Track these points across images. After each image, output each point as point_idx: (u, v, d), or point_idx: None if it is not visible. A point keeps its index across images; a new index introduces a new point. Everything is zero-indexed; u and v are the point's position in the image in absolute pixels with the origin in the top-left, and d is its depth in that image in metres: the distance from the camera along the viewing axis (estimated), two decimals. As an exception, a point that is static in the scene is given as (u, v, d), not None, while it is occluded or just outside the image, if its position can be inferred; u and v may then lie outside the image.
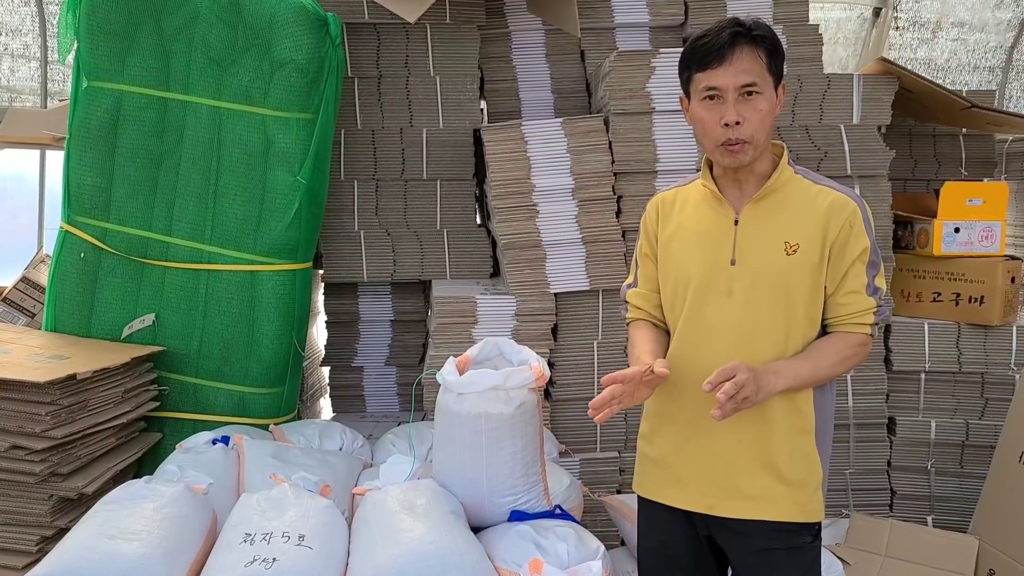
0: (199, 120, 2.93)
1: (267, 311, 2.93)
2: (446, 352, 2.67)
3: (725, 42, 1.65)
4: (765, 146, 1.71)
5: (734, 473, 1.71)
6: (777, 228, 1.71)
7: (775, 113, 1.70)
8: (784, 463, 1.70)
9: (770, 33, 1.69)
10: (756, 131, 1.66)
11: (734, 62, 1.65)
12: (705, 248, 1.75)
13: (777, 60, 1.69)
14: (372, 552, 1.90)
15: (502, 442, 2.09)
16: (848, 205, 1.70)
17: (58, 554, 1.83)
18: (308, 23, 2.84)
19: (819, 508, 1.73)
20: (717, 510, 1.73)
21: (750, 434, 1.70)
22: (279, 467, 2.35)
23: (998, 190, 3.17)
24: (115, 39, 2.89)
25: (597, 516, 2.75)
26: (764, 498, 1.70)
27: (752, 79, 1.65)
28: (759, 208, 1.73)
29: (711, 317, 1.73)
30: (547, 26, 3.35)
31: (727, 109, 1.65)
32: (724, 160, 1.71)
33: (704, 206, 1.79)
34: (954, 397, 3.14)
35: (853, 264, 1.69)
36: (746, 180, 1.75)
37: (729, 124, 1.65)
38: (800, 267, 1.69)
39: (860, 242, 1.70)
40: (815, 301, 1.71)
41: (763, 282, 1.70)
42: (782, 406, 1.70)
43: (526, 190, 2.93)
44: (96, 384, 2.55)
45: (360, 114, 3.27)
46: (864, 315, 1.70)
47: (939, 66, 4.94)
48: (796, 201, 1.72)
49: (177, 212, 2.95)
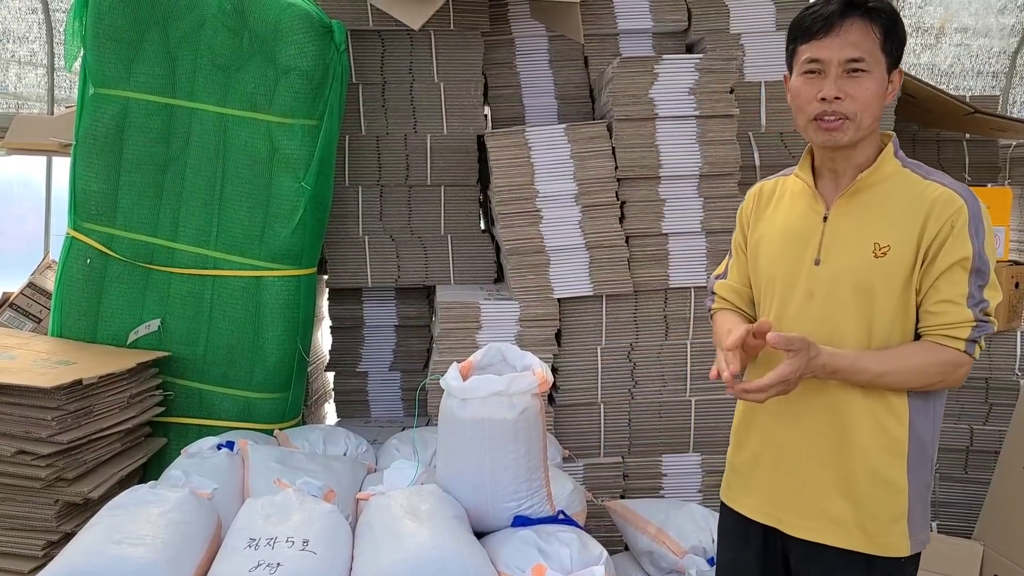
0: (204, 126, 2.95)
1: (272, 316, 2.94)
2: (450, 357, 2.68)
3: (835, 11, 1.51)
4: (869, 131, 1.54)
5: (805, 489, 1.60)
6: (869, 226, 1.54)
7: (884, 98, 1.54)
8: (859, 486, 1.55)
9: (889, 8, 1.52)
10: (860, 111, 1.51)
11: (841, 34, 1.50)
12: (792, 246, 1.63)
13: (894, 40, 1.52)
14: (376, 557, 1.91)
15: (505, 447, 2.09)
16: (954, 202, 1.50)
17: (64, 558, 1.84)
18: (313, 30, 2.86)
19: (897, 542, 1.55)
20: (785, 526, 1.63)
21: (827, 450, 1.57)
22: (284, 472, 2.35)
23: (1002, 195, 3.17)
24: (121, 46, 2.91)
25: (601, 521, 2.76)
26: (832, 521, 1.57)
27: (860, 54, 1.49)
28: (852, 203, 1.58)
29: (792, 320, 1.61)
30: (550, 32, 3.36)
31: (828, 83, 1.51)
32: (818, 138, 1.55)
33: (800, 199, 1.66)
34: (958, 403, 3.15)
35: (950, 269, 1.49)
36: (844, 172, 1.59)
37: (827, 99, 1.51)
38: (889, 271, 1.52)
39: (961, 246, 1.48)
40: (906, 310, 1.53)
41: (844, 285, 1.55)
42: (868, 423, 1.55)
43: (530, 195, 2.93)
44: (102, 389, 2.56)
45: (364, 120, 3.29)
46: (957, 328, 1.49)
47: (943, 71, 4.94)
48: (897, 197, 1.54)
49: (183, 218, 2.97)
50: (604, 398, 2.99)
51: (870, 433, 1.55)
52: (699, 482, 3.01)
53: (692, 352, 2.98)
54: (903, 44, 1.55)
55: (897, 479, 1.55)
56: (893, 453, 1.55)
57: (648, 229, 2.97)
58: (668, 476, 3.01)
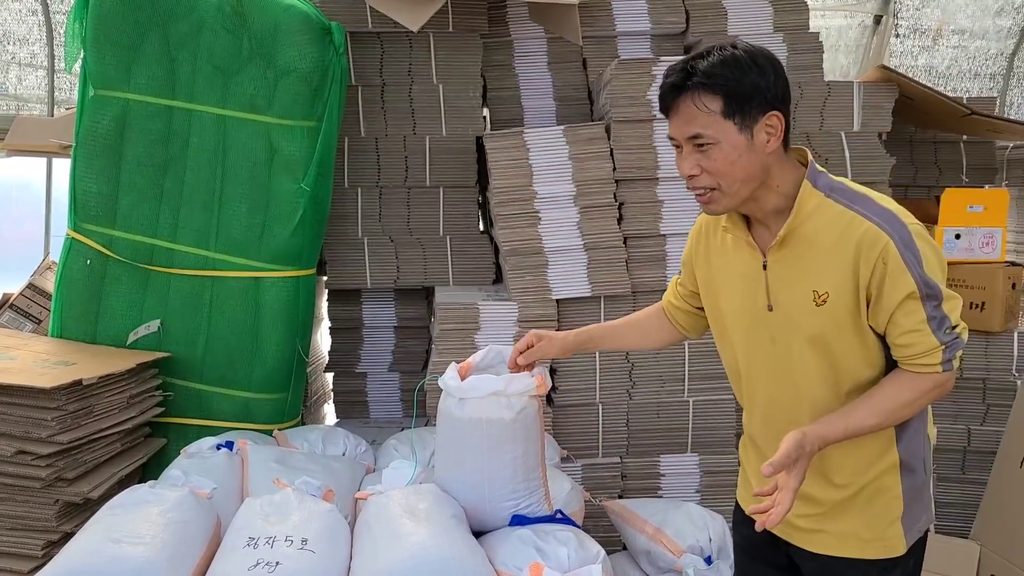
0: (204, 128, 2.96)
1: (271, 317, 2.95)
2: (449, 358, 2.69)
3: (667, 92, 1.50)
4: (749, 191, 1.50)
5: (802, 510, 1.61)
6: (804, 274, 1.52)
7: (751, 155, 1.47)
8: (854, 503, 1.59)
9: (720, 69, 1.44)
10: (719, 180, 1.48)
11: (679, 112, 1.48)
12: (747, 289, 1.61)
13: (739, 99, 1.44)
14: (375, 556, 1.91)
15: (503, 447, 2.10)
16: (879, 240, 1.44)
17: (64, 558, 1.85)
18: (312, 32, 2.87)
19: (894, 544, 1.58)
20: (789, 537, 1.67)
21: (817, 471, 1.59)
22: (283, 472, 2.36)
23: (999, 197, 3.18)
24: (121, 48, 2.92)
25: (599, 521, 2.76)
26: (828, 534, 1.61)
27: (696, 130, 1.46)
28: (785, 251, 1.54)
29: (759, 361, 1.63)
30: (549, 34, 3.37)
31: (683, 161, 1.51)
32: (704, 211, 1.57)
33: (740, 244, 1.62)
34: (955, 403, 3.15)
35: (901, 304, 1.45)
36: (767, 219, 1.56)
37: (684, 176, 1.52)
38: (834, 318, 1.50)
39: (902, 282, 1.44)
40: (864, 343, 1.52)
41: (798, 335, 1.54)
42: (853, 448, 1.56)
43: (528, 197, 2.95)
44: (102, 390, 2.57)
45: (364, 122, 3.30)
46: (928, 355, 1.47)
47: (940, 73, 4.95)
48: (824, 235, 1.49)
49: (182, 219, 2.97)
50: (602, 398, 3.00)
51: (855, 459, 1.58)
52: (697, 482, 3.01)
53: (690, 353, 2.98)
54: (759, 93, 1.45)
55: (890, 488, 1.58)
56: (882, 469, 1.58)
57: (646, 230, 2.98)
58: (666, 476, 3.01)
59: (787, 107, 1.51)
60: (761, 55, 1.48)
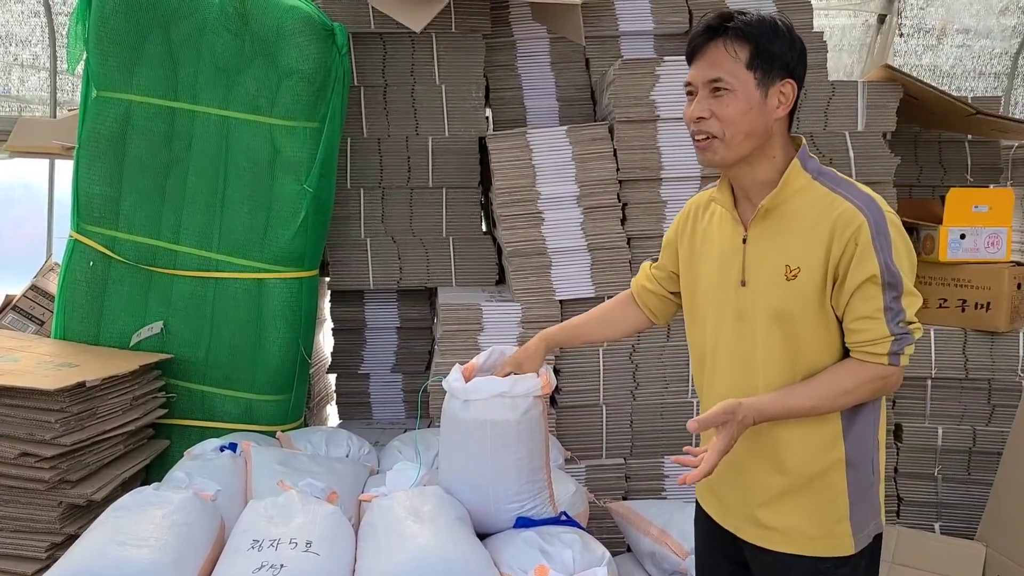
0: (207, 129, 2.95)
1: (274, 319, 2.95)
2: (452, 359, 2.68)
3: (699, 35, 1.56)
4: (748, 148, 1.54)
5: (750, 499, 1.64)
6: (780, 248, 1.55)
7: (760, 113, 1.52)
8: (799, 497, 1.59)
9: (756, 27, 1.52)
10: (725, 128, 1.52)
11: (705, 56, 1.54)
12: (723, 266, 1.64)
13: (764, 56, 1.51)
14: (379, 558, 1.91)
15: (508, 448, 2.10)
16: (854, 220, 1.48)
17: (69, 560, 1.85)
18: (315, 33, 2.86)
19: (840, 542, 1.59)
20: (741, 533, 1.68)
21: (765, 465, 1.61)
22: (286, 474, 2.36)
23: (1004, 196, 3.17)
24: (124, 50, 2.91)
25: (603, 523, 2.76)
26: (774, 529, 1.62)
27: (717, 74, 1.52)
28: (765, 224, 1.58)
29: (725, 341, 1.64)
30: (552, 35, 3.37)
31: (695, 104, 1.56)
32: (698, 158, 1.60)
33: (725, 220, 1.66)
34: (961, 403, 3.14)
35: (861, 287, 1.49)
36: (752, 190, 1.59)
37: (691, 119, 1.56)
38: (802, 294, 1.53)
39: (867, 263, 1.48)
40: (827, 327, 1.55)
41: (766, 309, 1.57)
42: (799, 437, 1.58)
43: (531, 198, 2.94)
44: (105, 391, 2.57)
45: (366, 123, 3.29)
46: (877, 344, 1.50)
47: (944, 72, 4.93)
48: (805, 214, 1.54)
49: (185, 220, 2.97)
50: (606, 400, 3.00)
51: (803, 447, 1.58)
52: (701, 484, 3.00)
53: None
54: (783, 57, 1.53)
55: (835, 484, 1.59)
56: (828, 463, 1.58)
57: (650, 231, 2.98)
58: (670, 478, 3.01)
59: (800, 85, 1.58)
60: (794, 32, 1.58)
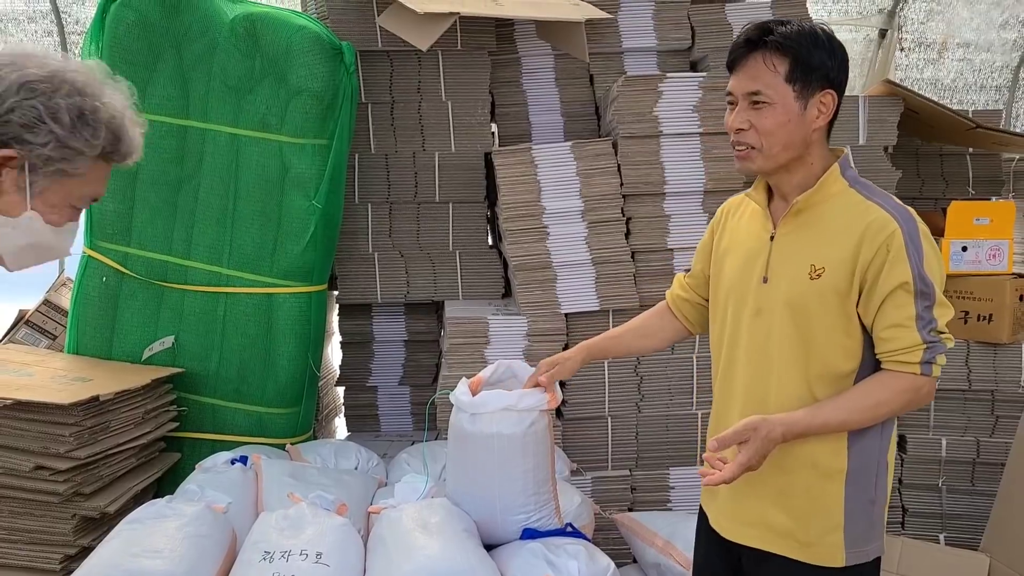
0: (217, 147, 3.00)
1: (283, 333, 2.98)
2: (459, 372, 2.72)
3: (739, 47, 1.59)
4: (787, 158, 1.58)
5: (749, 499, 1.66)
6: (808, 247, 1.58)
7: (799, 125, 1.56)
8: (795, 499, 1.61)
9: (795, 39, 1.54)
10: (763, 140, 1.57)
11: (745, 68, 1.58)
12: (746, 263, 1.68)
13: (803, 68, 1.54)
14: (387, 569, 1.94)
15: (514, 461, 2.12)
16: (888, 226, 1.51)
17: (84, 572, 1.88)
18: (323, 52, 2.91)
19: (830, 552, 1.59)
20: (738, 536, 1.70)
21: (770, 464, 1.58)
22: (296, 486, 2.39)
23: (1005, 209, 3.19)
24: (137, 69, 2.96)
25: (609, 534, 2.78)
26: (770, 530, 1.64)
27: (757, 87, 1.56)
28: (795, 223, 1.61)
29: (743, 338, 1.67)
30: (556, 51, 3.41)
31: (735, 115, 1.60)
32: (736, 166, 1.65)
33: (755, 218, 1.71)
34: (964, 415, 3.15)
35: (893, 293, 1.49)
36: (789, 193, 1.63)
37: (731, 129, 1.61)
38: (823, 294, 1.55)
39: (900, 270, 1.49)
40: (846, 331, 1.55)
41: (784, 306, 1.59)
42: (811, 445, 1.58)
43: (536, 212, 2.98)
44: (118, 405, 2.61)
45: (374, 139, 3.34)
46: (909, 352, 1.50)
47: (945, 86, 4.96)
48: (836, 217, 1.57)
49: (196, 236, 3.02)
50: (611, 412, 3.02)
51: (805, 452, 1.59)
52: (707, 493, 3.02)
53: (699, 366, 3.00)
54: (823, 68, 1.55)
55: (832, 493, 1.59)
56: (828, 473, 1.59)
57: (653, 245, 3.01)
58: (676, 489, 3.03)
59: (841, 94, 1.60)
60: (835, 39, 1.59)
